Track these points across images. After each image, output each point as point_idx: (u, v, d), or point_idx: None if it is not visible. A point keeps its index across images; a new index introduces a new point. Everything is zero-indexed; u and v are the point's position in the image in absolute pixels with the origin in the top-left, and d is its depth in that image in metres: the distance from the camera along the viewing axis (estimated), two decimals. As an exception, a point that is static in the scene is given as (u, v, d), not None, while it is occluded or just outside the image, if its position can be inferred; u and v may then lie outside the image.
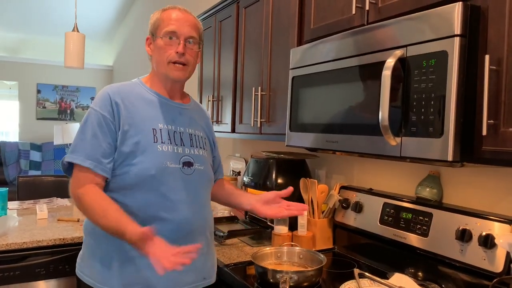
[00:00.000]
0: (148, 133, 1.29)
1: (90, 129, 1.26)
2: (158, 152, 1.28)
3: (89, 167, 1.23)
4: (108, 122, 1.26)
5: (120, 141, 1.26)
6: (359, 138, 1.30)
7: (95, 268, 1.29)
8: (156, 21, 1.36)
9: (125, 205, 1.25)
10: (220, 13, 2.43)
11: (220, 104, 2.42)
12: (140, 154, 1.26)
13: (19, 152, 6.22)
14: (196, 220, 1.34)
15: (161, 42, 1.32)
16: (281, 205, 1.43)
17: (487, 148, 1.01)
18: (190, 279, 1.33)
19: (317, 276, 1.38)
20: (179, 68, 1.33)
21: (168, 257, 1.06)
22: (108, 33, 6.82)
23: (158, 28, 1.34)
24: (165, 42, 1.32)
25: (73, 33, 3.18)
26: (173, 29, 1.32)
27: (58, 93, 6.93)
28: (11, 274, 1.79)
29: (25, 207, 2.53)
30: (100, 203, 1.21)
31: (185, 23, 1.33)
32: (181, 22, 1.33)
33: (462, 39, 1.02)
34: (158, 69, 1.36)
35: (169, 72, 1.33)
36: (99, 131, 1.25)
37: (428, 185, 1.49)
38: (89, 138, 1.25)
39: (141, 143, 1.27)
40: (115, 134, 1.27)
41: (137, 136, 1.28)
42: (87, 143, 1.25)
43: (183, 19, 1.34)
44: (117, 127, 1.27)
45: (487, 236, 1.19)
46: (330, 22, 1.53)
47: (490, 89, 0.99)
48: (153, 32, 1.36)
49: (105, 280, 1.27)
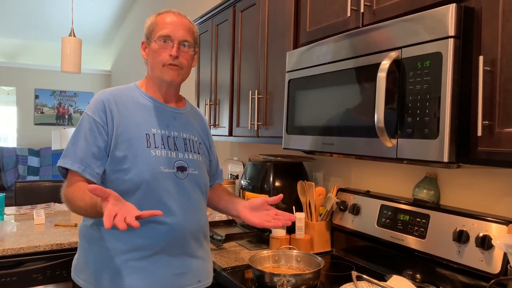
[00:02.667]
0: (141, 138, 1.29)
1: (81, 133, 1.27)
2: (152, 157, 1.29)
3: (77, 171, 1.24)
4: (99, 127, 1.27)
5: (113, 146, 1.27)
6: (356, 140, 1.30)
7: (89, 271, 1.29)
8: (151, 25, 1.36)
9: None
10: (217, 17, 2.43)
11: (217, 108, 2.42)
12: (133, 159, 1.26)
13: (17, 158, 6.21)
14: (190, 223, 1.34)
15: (155, 46, 1.33)
16: (269, 213, 1.38)
17: (483, 149, 1.01)
18: (185, 282, 1.33)
19: (315, 279, 1.38)
20: (173, 68, 1.33)
21: (121, 216, 0.97)
22: (106, 38, 6.83)
23: (153, 32, 1.35)
24: (159, 46, 1.32)
25: (69, 38, 3.18)
26: (167, 32, 1.32)
27: (56, 98, 6.93)
28: (8, 280, 1.78)
29: (22, 212, 2.52)
30: (80, 190, 1.20)
31: (180, 27, 1.34)
32: (175, 25, 1.33)
33: (456, 40, 1.03)
34: (152, 73, 1.36)
35: (163, 75, 1.33)
36: (90, 135, 1.26)
37: (425, 186, 1.49)
38: (79, 143, 1.26)
39: (134, 148, 1.27)
40: (106, 138, 1.27)
41: (130, 141, 1.28)
42: (77, 147, 1.26)
43: (177, 23, 1.34)
44: (110, 132, 1.27)
45: (484, 237, 1.19)
46: (325, 25, 1.53)
47: (484, 90, 0.99)
48: (148, 36, 1.37)
49: (98, 283, 1.26)
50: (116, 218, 0.96)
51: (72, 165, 1.24)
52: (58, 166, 1.28)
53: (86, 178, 1.25)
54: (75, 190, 1.22)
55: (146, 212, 1.03)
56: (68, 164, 1.25)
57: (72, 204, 1.24)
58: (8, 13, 5.60)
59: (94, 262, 1.28)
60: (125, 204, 1.03)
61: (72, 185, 1.25)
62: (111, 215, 0.96)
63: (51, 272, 1.87)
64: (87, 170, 1.24)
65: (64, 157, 1.26)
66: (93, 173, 1.25)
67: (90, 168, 1.25)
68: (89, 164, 1.25)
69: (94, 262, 1.28)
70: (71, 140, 1.29)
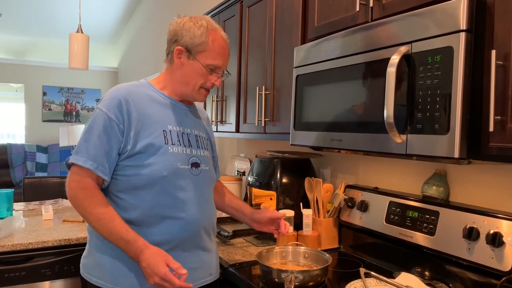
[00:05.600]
0: (159, 135, 1.30)
1: (95, 130, 1.25)
2: (170, 153, 1.29)
3: (89, 168, 1.23)
4: (114, 125, 1.25)
5: (132, 143, 1.26)
6: (364, 136, 1.28)
7: (105, 268, 1.28)
8: (202, 44, 1.31)
9: (135, 205, 1.26)
10: (224, 13, 2.42)
11: (224, 104, 2.41)
12: (152, 155, 1.27)
13: (26, 154, 6.26)
14: (204, 218, 1.36)
15: (201, 69, 1.32)
16: (271, 229, 1.52)
17: (494, 145, 0.99)
18: (199, 276, 1.36)
19: (322, 276, 1.37)
20: (206, 94, 1.38)
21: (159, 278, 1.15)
22: (113, 35, 6.85)
23: (203, 53, 1.31)
24: (205, 72, 1.33)
25: (77, 34, 3.19)
26: (220, 65, 1.34)
27: (64, 95, 6.97)
28: (17, 275, 1.80)
29: (31, 208, 2.54)
30: (107, 211, 1.23)
31: (228, 57, 1.37)
32: (227, 57, 1.36)
33: (468, 34, 1.01)
34: (181, 87, 1.36)
35: (196, 96, 1.37)
36: (103, 133, 1.25)
37: (434, 183, 1.47)
38: (93, 139, 1.25)
39: (153, 144, 1.27)
40: (120, 137, 1.26)
41: (149, 137, 1.28)
42: (90, 144, 1.25)
43: (227, 55, 1.37)
44: (126, 130, 1.26)
45: (495, 234, 1.17)
46: (334, 20, 1.51)
47: (497, 84, 0.97)
48: (192, 50, 1.31)
49: (115, 281, 1.26)
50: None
51: (85, 162, 1.23)
52: (70, 163, 1.27)
53: (97, 176, 1.24)
54: (98, 207, 1.22)
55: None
56: (80, 161, 1.23)
57: (92, 219, 1.23)
58: (16, 10, 5.63)
59: (110, 260, 1.27)
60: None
61: (86, 188, 1.23)
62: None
63: (59, 267, 1.88)
64: (99, 168, 1.24)
65: (77, 154, 1.25)
66: (105, 171, 1.25)
67: (103, 166, 1.24)
68: (102, 162, 1.24)
69: (110, 259, 1.27)
70: (83, 136, 1.27)
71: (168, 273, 1.13)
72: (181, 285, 1.13)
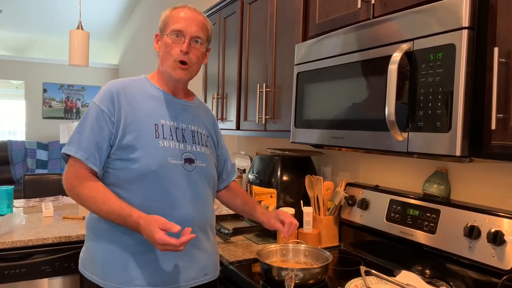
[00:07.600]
0: (150, 129, 1.29)
1: (88, 122, 1.28)
2: (160, 147, 1.29)
3: (80, 159, 1.24)
4: (105, 117, 1.27)
5: (121, 136, 1.27)
6: (365, 134, 1.28)
7: (96, 264, 1.29)
8: (165, 19, 1.36)
9: (126, 200, 1.25)
10: (225, 10, 2.41)
11: (224, 102, 2.41)
12: (142, 149, 1.27)
13: (26, 151, 6.26)
14: (197, 216, 1.34)
15: (167, 40, 1.33)
16: (277, 224, 1.44)
17: (496, 143, 0.99)
18: (192, 275, 1.33)
19: (323, 274, 1.37)
20: (182, 67, 1.33)
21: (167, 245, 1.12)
22: (114, 32, 6.83)
23: (166, 25, 1.34)
24: (171, 40, 1.32)
25: (77, 31, 3.18)
26: (180, 27, 1.32)
27: (64, 92, 6.96)
28: (17, 271, 1.80)
29: (31, 205, 2.54)
30: (100, 192, 1.24)
31: (193, 22, 1.33)
32: (189, 21, 1.33)
33: (470, 31, 1.00)
34: (162, 66, 1.36)
35: (172, 71, 1.34)
36: (96, 124, 1.27)
37: (435, 181, 1.47)
38: (85, 131, 1.27)
39: (142, 138, 1.28)
40: (111, 129, 1.27)
41: (139, 131, 1.28)
42: (83, 136, 1.27)
43: (191, 18, 1.34)
44: (117, 123, 1.27)
45: (496, 233, 1.17)
46: (335, 17, 1.51)
47: (499, 82, 0.97)
48: (161, 29, 1.37)
49: (106, 275, 1.26)
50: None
51: (76, 152, 1.25)
52: (62, 153, 1.29)
53: (88, 167, 1.25)
54: (92, 190, 1.23)
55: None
56: (72, 151, 1.26)
57: (86, 201, 1.25)
58: (16, 7, 5.62)
59: (102, 255, 1.28)
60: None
61: (79, 177, 1.25)
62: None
63: (59, 264, 1.88)
64: (90, 159, 1.25)
65: (69, 144, 1.28)
66: (96, 162, 1.26)
67: (93, 157, 1.26)
68: (92, 153, 1.26)
69: (102, 255, 1.28)
70: (76, 128, 1.29)
71: (164, 238, 1.11)
72: (182, 242, 1.11)
